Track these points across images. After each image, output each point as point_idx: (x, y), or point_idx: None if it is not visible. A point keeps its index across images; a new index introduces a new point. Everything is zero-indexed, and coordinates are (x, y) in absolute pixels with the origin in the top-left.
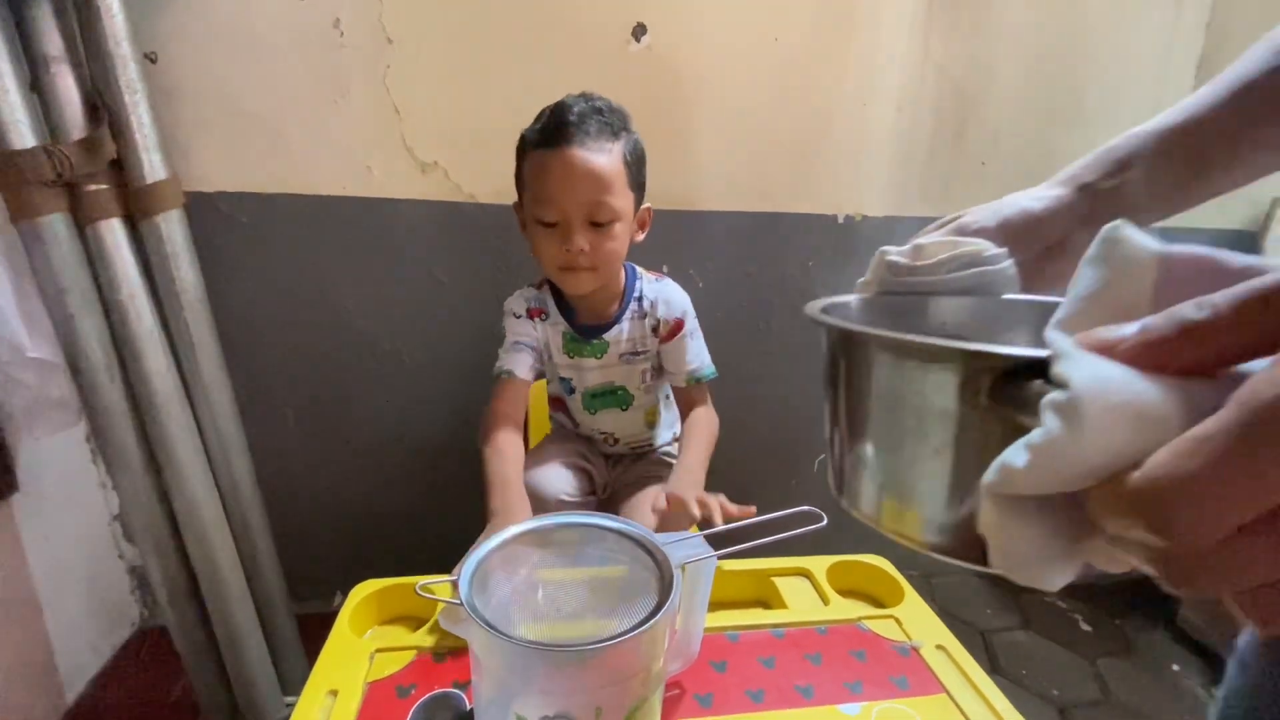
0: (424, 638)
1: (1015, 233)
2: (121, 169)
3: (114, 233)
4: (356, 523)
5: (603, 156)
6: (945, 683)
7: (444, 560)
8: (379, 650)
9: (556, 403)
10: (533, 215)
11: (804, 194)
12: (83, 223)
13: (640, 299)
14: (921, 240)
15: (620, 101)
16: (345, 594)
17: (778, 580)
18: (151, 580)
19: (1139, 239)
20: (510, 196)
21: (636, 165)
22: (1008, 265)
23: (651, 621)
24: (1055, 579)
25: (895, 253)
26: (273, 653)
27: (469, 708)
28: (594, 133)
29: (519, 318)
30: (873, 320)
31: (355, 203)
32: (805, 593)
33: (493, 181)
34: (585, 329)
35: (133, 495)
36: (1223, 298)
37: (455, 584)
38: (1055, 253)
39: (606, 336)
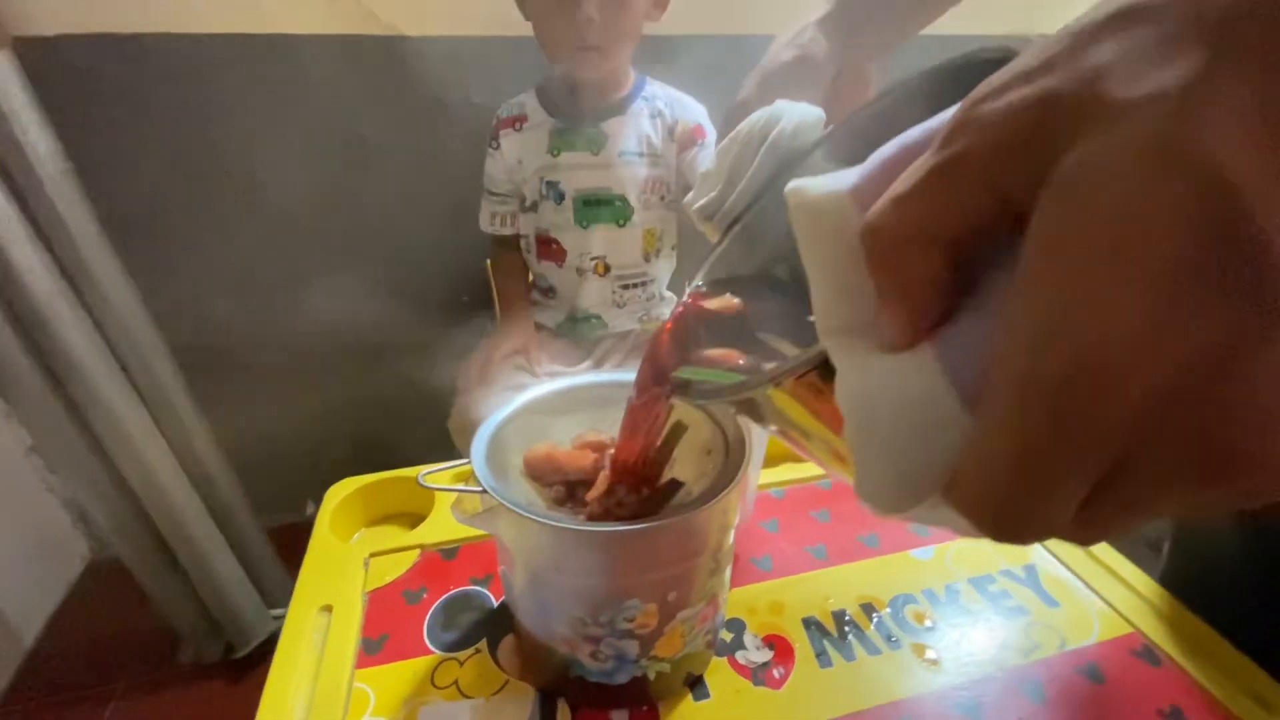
0: (426, 534)
1: (792, 81)
2: None
3: None
4: (311, 424)
5: None
6: None
7: (420, 451)
8: (374, 555)
9: (544, 244)
10: None
11: (785, 12)
12: None
13: (651, 98)
14: (705, 169)
15: None
16: (318, 502)
17: None
18: (90, 511)
19: (820, 187)
20: (442, 26)
21: None
22: (786, 119)
23: (731, 483)
24: None
25: (697, 205)
26: (248, 570)
27: (496, 604)
28: None
29: (490, 152)
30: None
31: (246, 42)
32: None
33: (419, 5)
34: (579, 117)
35: (38, 419)
36: (901, 186)
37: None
38: (841, 81)
39: (605, 126)
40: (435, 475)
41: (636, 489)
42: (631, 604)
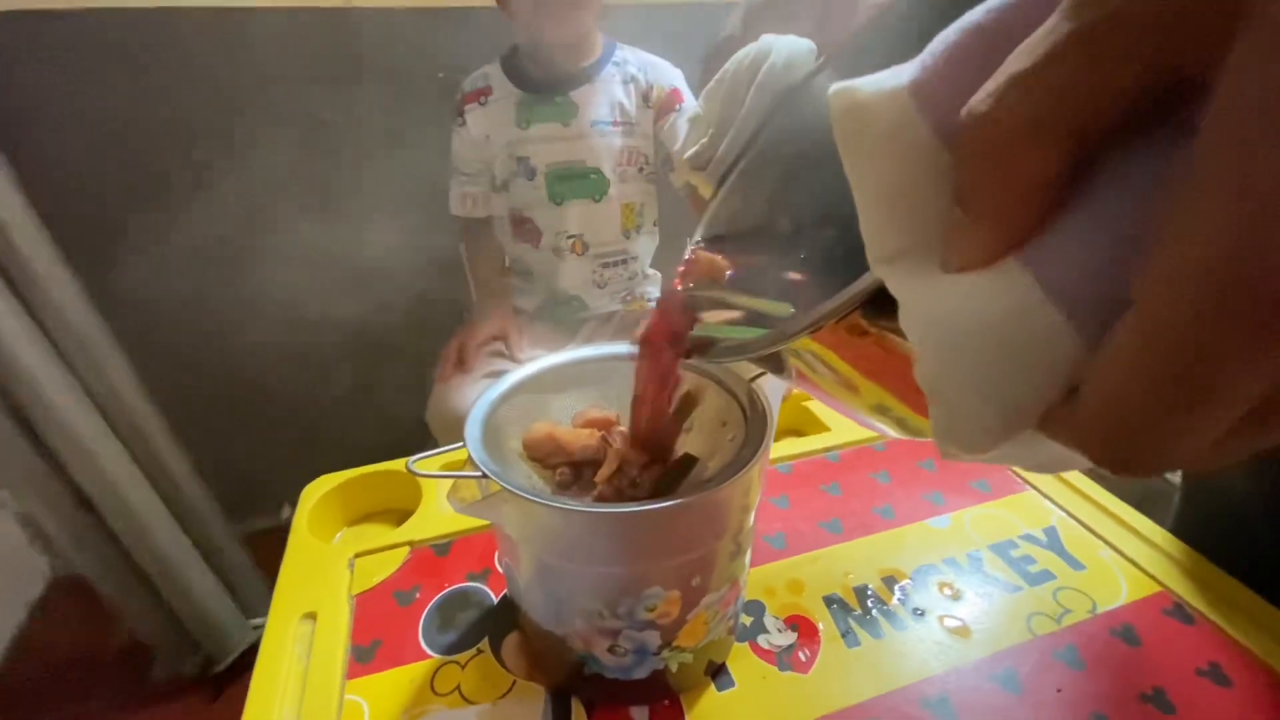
0: (414, 529)
1: (779, 14)
2: None
3: None
4: (282, 422)
5: None
6: (1026, 478)
7: (397, 446)
8: (359, 555)
9: (518, 225)
10: None
11: None
12: None
13: (622, 63)
14: (692, 114)
15: None
16: (294, 504)
17: (811, 404)
18: (45, 527)
19: (871, 85)
20: None
21: None
22: (776, 53)
23: (756, 454)
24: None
25: (688, 154)
26: (223, 578)
27: (497, 600)
28: None
29: (456, 129)
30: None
31: (193, 17)
32: None
33: None
34: (547, 87)
35: None
36: (1022, 63)
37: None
38: (831, 12)
39: (574, 95)
40: (424, 462)
41: (649, 467)
42: (653, 592)
